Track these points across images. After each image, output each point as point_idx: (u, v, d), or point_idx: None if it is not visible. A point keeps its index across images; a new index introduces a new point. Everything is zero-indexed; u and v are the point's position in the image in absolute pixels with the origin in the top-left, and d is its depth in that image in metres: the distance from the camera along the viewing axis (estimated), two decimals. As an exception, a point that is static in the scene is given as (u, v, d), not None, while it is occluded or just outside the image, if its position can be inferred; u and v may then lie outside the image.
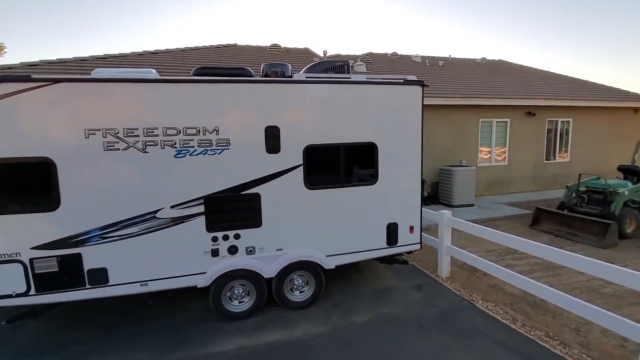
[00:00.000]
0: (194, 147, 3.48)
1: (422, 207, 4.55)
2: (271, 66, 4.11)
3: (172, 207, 3.50)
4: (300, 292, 4.16)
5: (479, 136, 10.72)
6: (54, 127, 3.19)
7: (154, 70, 3.63)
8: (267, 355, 3.34)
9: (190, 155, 3.49)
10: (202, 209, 3.58)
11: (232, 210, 3.70)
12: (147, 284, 3.55)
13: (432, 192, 9.95)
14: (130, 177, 3.38)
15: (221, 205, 3.65)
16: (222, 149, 3.58)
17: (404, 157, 4.31)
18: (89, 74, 3.42)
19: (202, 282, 3.68)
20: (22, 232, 3.21)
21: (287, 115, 3.80)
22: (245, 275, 3.84)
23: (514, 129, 11.09)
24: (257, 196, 3.75)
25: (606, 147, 12.45)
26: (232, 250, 3.74)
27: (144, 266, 3.52)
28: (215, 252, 3.69)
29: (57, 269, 3.33)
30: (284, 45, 13.25)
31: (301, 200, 3.92)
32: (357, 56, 13.43)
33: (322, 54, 13.18)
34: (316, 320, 3.91)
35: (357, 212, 4.17)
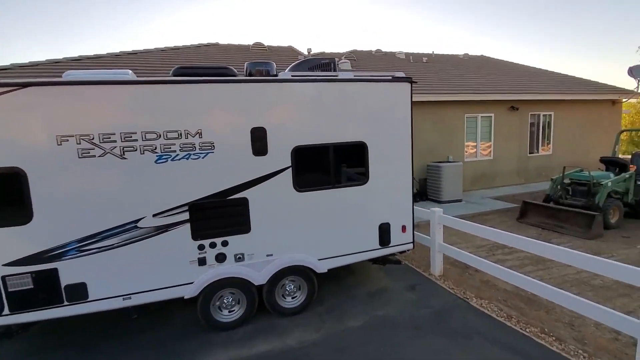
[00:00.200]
0: (175, 151, 3.30)
1: (414, 205, 4.49)
2: (255, 65, 3.95)
3: (154, 215, 3.32)
4: (292, 298, 4.04)
5: (465, 131, 10.79)
6: (23, 135, 2.96)
7: (130, 71, 3.43)
8: (260, 366, 3.22)
9: (172, 160, 3.31)
10: (186, 216, 3.41)
11: (219, 216, 3.54)
12: (130, 298, 3.36)
13: (421, 189, 9.96)
14: (108, 185, 3.18)
15: (207, 211, 3.48)
16: (206, 153, 3.41)
17: (395, 156, 4.24)
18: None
19: (189, 292, 3.51)
20: (-8, 248, 2.97)
21: (274, 115, 3.65)
22: (234, 283, 3.68)
23: (498, 124, 11.21)
24: (244, 201, 3.60)
25: (586, 138, 12.75)
26: (220, 258, 3.58)
27: (126, 279, 3.33)
28: (202, 261, 3.52)
29: (31, 286, 3.11)
30: (267, 43, 13.03)
31: (291, 203, 3.79)
32: (342, 54, 13.33)
33: (306, 52, 13.02)
34: (310, 326, 3.80)
35: (348, 213, 4.07)
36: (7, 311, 3.06)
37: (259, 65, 3.94)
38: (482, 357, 3.21)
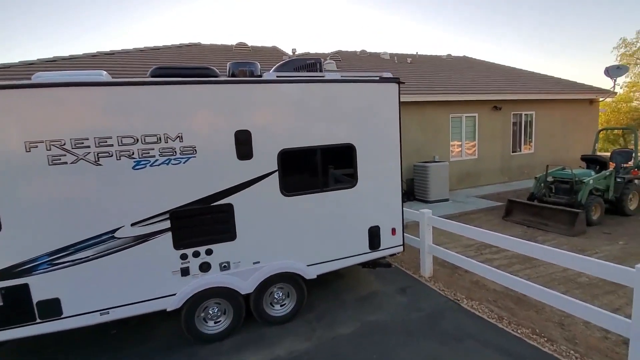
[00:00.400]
0: (154, 156, 3.13)
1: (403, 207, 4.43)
2: (238, 65, 3.80)
3: (132, 224, 3.13)
4: (281, 306, 3.91)
5: (450, 131, 10.88)
6: (-13, 141, 2.74)
7: (104, 72, 3.23)
8: (249, 380, 3.08)
9: (151, 165, 3.13)
10: (167, 224, 3.24)
11: (202, 223, 3.38)
12: (108, 313, 3.17)
13: (408, 189, 9.97)
14: (81, 193, 2.98)
15: (189, 219, 3.32)
16: (188, 158, 3.25)
17: (383, 157, 4.16)
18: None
19: (172, 304, 3.34)
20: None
21: (259, 118, 3.52)
22: (220, 293, 3.53)
23: (482, 123, 11.36)
24: (229, 207, 3.45)
25: (566, 137, 13.06)
26: (204, 267, 3.42)
27: (103, 293, 3.13)
28: (185, 271, 3.35)
29: (1, 303, 2.89)
30: (251, 44, 12.83)
31: (278, 208, 3.66)
32: (327, 54, 13.25)
33: (291, 52, 12.89)
34: (299, 335, 3.68)
35: (337, 217, 3.97)
36: (-27, 331, 2.83)
37: (242, 65, 3.80)
38: (476, 361, 3.17)
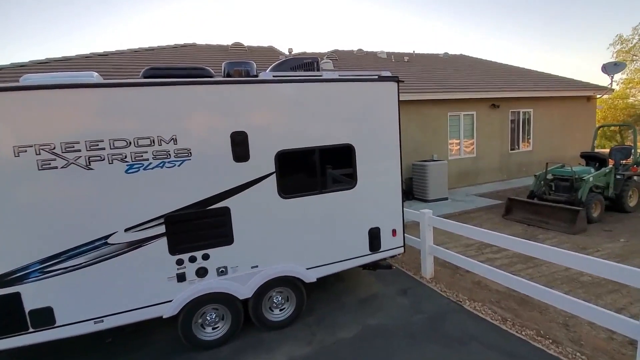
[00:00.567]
0: (148, 159, 3.04)
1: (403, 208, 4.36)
2: (233, 65, 3.72)
3: (126, 230, 3.04)
4: (280, 311, 3.82)
5: (448, 130, 10.83)
6: (-26, 146, 2.64)
7: (95, 73, 3.14)
8: (248, 388, 2.99)
9: (144, 169, 3.04)
10: (162, 229, 3.15)
11: (199, 228, 3.29)
12: (103, 321, 3.08)
13: (407, 188, 9.91)
14: (73, 199, 2.89)
15: (185, 223, 3.23)
16: (183, 160, 3.16)
17: (383, 157, 4.09)
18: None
19: (168, 311, 3.25)
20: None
21: (255, 118, 3.44)
22: (217, 298, 3.44)
23: (480, 121, 11.31)
24: (226, 210, 3.36)
25: (564, 134, 13.05)
26: (201, 272, 3.33)
27: (97, 301, 3.04)
28: (181, 277, 3.27)
29: (-9, 313, 2.80)
30: (247, 44, 12.73)
31: (276, 211, 3.58)
32: (323, 53, 13.16)
33: (287, 52, 12.79)
34: (299, 339, 3.60)
35: (336, 219, 3.89)
36: (-37, 342, 2.74)
37: (238, 65, 3.71)
38: (480, 364, 3.10)
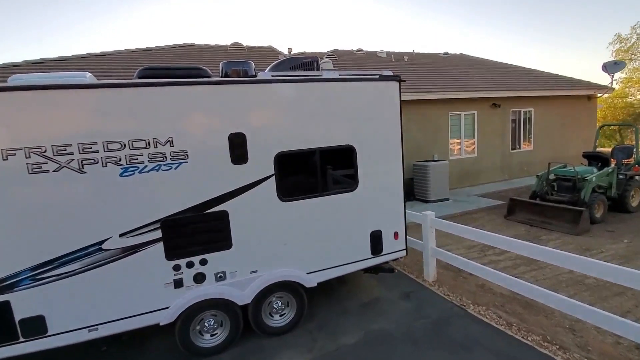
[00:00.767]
0: (143, 162, 2.94)
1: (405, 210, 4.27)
2: (231, 64, 3.62)
3: (121, 235, 2.95)
4: (280, 316, 3.73)
5: (449, 129, 10.74)
6: (-38, 149, 2.55)
7: (88, 74, 3.04)
8: (247, 398, 2.90)
9: (139, 172, 2.94)
10: (158, 234, 3.05)
11: (196, 232, 3.20)
12: (97, 329, 2.98)
13: (408, 189, 9.82)
14: (65, 204, 2.79)
15: (182, 228, 3.14)
16: (179, 163, 3.07)
17: (384, 159, 4.00)
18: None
19: (165, 318, 3.15)
20: None
21: (254, 119, 3.34)
22: (216, 305, 3.35)
23: (481, 121, 11.23)
24: (224, 214, 3.27)
25: (565, 133, 12.97)
26: (199, 278, 3.24)
27: (91, 308, 2.94)
28: (178, 283, 3.17)
29: (-20, 322, 2.70)
30: (246, 44, 12.63)
31: (275, 214, 3.49)
32: (323, 53, 13.06)
33: (287, 52, 12.69)
34: (300, 346, 3.51)
35: (337, 222, 3.80)
36: (-50, 353, 2.64)
37: (236, 64, 3.61)
38: (486, 372, 3.02)
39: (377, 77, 3.86)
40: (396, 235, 4.14)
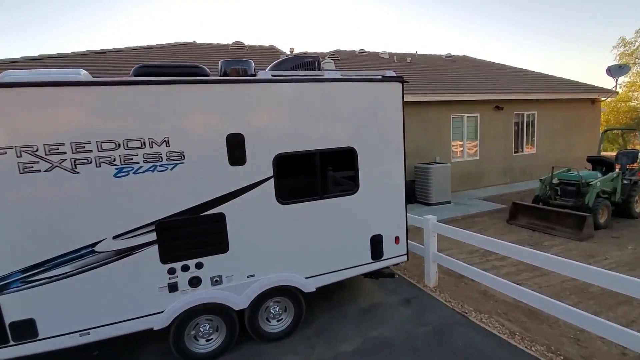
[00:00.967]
0: (138, 163, 2.86)
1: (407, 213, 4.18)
2: (230, 63, 3.54)
3: (114, 237, 2.86)
4: (278, 322, 3.65)
5: (451, 132, 10.65)
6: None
7: (83, 71, 2.96)
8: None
9: (134, 173, 2.86)
10: (153, 236, 2.97)
11: (192, 235, 3.11)
12: (89, 333, 2.90)
13: (409, 191, 9.73)
14: (57, 204, 2.71)
15: (177, 230, 3.06)
16: (175, 164, 2.98)
17: (386, 162, 3.92)
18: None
19: (159, 323, 3.07)
20: None
21: (252, 120, 3.26)
22: (211, 309, 3.27)
23: (484, 124, 11.13)
24: (221, 217, 3.19)
25: (568, 137, 12.87)
26: (194, 282, 3.16)
27: (83, 312, 2.86)
28: (173, 287, 3.09)
29: (-31, 325, 2.63)
30: (248, 43, 12.56)
31: (273, 217, 3.40)
32: (325, 53, 12.99)
33: (288, 52, 12.62)
34: (298, 353, 3.42)
35: (337, 226, 3.71)
36: (-63, 357, 2.57)
37: (235, 63, 3.53)
38: (489, 383, 2.93)
39: (380, 77, 3.77)
40: (397, 239, 4.05)
